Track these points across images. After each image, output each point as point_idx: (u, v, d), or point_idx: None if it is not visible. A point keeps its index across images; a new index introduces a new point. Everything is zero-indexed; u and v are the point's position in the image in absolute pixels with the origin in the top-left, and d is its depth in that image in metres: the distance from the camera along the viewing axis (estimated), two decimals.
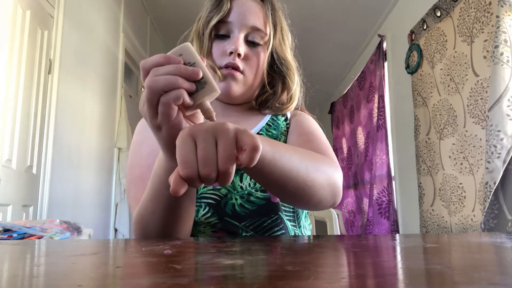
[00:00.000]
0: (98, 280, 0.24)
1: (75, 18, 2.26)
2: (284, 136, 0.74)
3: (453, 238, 0.48)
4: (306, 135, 0.72)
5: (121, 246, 0.45)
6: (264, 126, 0.74)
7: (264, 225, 0.65)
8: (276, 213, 0.67)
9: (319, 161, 0.55)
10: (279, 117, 0.77)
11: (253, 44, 0.71)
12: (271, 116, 0.76)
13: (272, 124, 0.75)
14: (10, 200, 1.69)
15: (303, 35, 3.83)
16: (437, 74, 2.35)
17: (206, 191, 0.67)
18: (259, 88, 0.76)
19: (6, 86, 1.65)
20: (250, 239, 0.54)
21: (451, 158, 2.16)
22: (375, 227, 3.13)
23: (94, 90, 2.51)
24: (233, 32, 0.70)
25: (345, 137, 4.43)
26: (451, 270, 0.26)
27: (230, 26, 0.70)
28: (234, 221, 0.65)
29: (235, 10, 0.71)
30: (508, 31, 1.63)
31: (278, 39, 0.74)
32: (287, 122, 0.77)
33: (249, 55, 0.71)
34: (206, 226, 0.66)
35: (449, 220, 2.17)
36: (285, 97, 0.77)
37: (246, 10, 0.71)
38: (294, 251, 0.37)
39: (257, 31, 0.71)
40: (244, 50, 0.70)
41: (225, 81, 0.70)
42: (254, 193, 0.66)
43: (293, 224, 0.71)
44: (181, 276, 0.24)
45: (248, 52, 0.71)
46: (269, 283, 0.22)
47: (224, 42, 0.71)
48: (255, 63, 0.71)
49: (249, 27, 0.70)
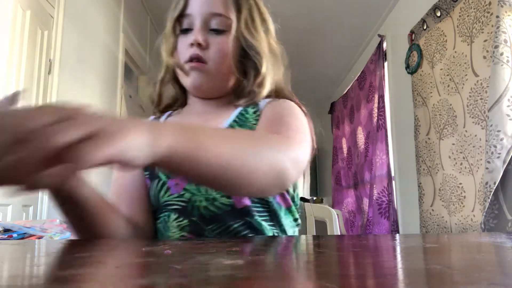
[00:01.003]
0: (98, 280, 0.24)
1: (75, 18, 2.25)
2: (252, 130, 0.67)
3: (453, 238, 0.49)
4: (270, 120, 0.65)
5: (121, 246, 0.45)
6: (230, 124, 0.69)
7: (230, 229, 0.63)
8: (243, 218, 0.64)
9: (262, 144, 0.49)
10: (249, 109, 0.70)
11: (216, 32, 0.69)
12: (240, 111, 0.71)
13: (240, 120, 0.69)
14: (10, 200, 1.69)
15: (303, 35, 3.83)
16: (437, 74, 2.35)
17: (171, 198, 0.66)
18: (230, 78, 0.72)
19: (6, 86, 1.65)
20: (250, 239, 0.54)
21: (451, 158, 2.16)
22: (375, 227, 3.13)
23: (94, 90, 2.51)
24: (194, 24, 0.69)
25: (345, 137, 4.43)
26: (451, 270, 0.26)
27: (191, 18, 0.69)
28: (201, 223, 0.64)
29: (193, 1, 0.70)
30: (508, 31, 1.63)
31: (244, 22, 0.69)
32: (257, 114, 0.69)
33: (212, 43, 0.68)
34: (175, 231, 0.65)
35: (449, 220, 2.17)
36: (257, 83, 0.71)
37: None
38: (294, 251, 0.37)
39: (217, 16, 0.68)
40: (204, 38, 0.67)
41: (191, 76, 0.69)
42: (218, 198, 0.63)
43: (271, 224, 0.67)
44: (181, 276, 0.24)
45: (210, 40, 0.68)
46: (269, 283, 0.22)
47: (187, 36, 0.70)
48: (220, 51, 0.68)
49: (208, 14, 0.68)
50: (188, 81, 0.70)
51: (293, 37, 3.80)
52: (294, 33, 3.74)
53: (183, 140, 0.39)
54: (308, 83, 4.88)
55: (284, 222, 0.70)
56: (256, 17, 0.72)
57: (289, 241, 0.47)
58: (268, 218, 0.67)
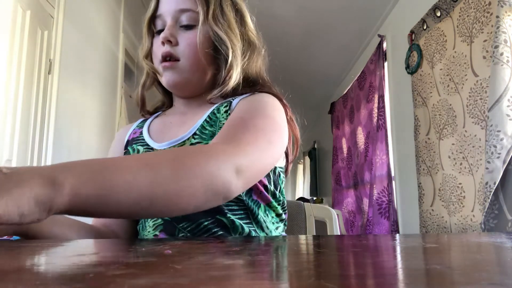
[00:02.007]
0: (98, 280, 0.24)
1: (75, 18, 2.25)
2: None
3: (453, 238, 0.49)
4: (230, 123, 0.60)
5: (121, 246, 0.45)
6: (201, 124, 0.68)
7: (201, 227, 0.63)
8: (214, 216, 0.63)
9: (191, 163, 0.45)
10: (221, 108, 0.68)
11: (186, 27, 0.70)
12: (213, 110, 0.69)
13: (210, 120, 0.68)
14: None
15: (303, 35, 3.83)
16: (436, 74, 2.35)
17: None
18: (206, 71, 0.71)
19: (6, 86, 1.65)
20: (250, 239, 0.54)
21: (450, 158, 2.16)
22: (375, 227, 3.13)
23: (94, 90, 2.51)
24: (166, 23, 0.70)
25: (345, 137, 4.43)
26: (451, 270, 0.26)
27: (163, 18, 0.71)
28: (173, 221, 0.65)
29: (163, 1, 0.71)
30: (508, 31, 1.63)
31: (212, 15, 0.69)
32: (227, 113, 0.67)
33: (181, 39, 0.69)
34: (150, 230, 0.67)
35: (449, 220, 2.17)
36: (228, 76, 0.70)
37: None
38: (294, 251, 0.38)
39: (185, 12, 0.69)
40: (172, 34, 0.68)
41: (165, 75, 0.70)
42: None
43: (246, 222, 0.66)
44: (181, 276, 0.24)
45: (180, 36, 0.69)
46: (269, 283, 0.22)
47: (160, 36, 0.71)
48: (188, 45, 0.69)
49: (177, 10, 0.69)
50: (163, 80, 0.71)
51: (293, 37, 3.81)
52: (294, 33, 3.74)
53: (88, 183, 0.37)
54: (308, 83, 4.88)
55: (263, 219, 0.68)
56: (226, 8, 0.71)
57: (289, 241, 0.47)
58: (243, 216, 0.66)
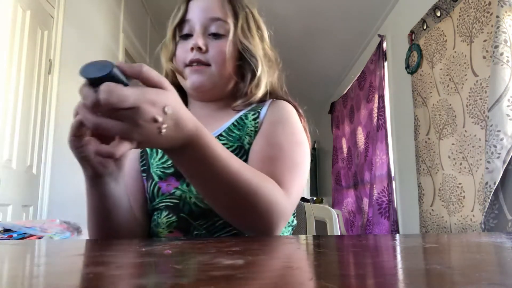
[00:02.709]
0: (98, 280, 0.24)
1: (75, 18, 2.26)
2: (250, 137, 0.68)
3: (453, 238, 0.49)
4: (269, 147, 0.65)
5: (121, 246, 0.45)
6: (228, 127, 0.70)
7: (216, 225, 0.65)
8: None
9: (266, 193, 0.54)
10: (249, 115, 0.71)
11: (215, 36, 0.72)
12: (240, 116, 0.72)
13: (238, 124, 0.70)
14: (10, 200, 1.69)
15: (303, 35, 3.83)
16: (436, 74, 2.35)
17: (163, 198, 0.69)
18: (229, 81, 0.74)
19: (6, 86, 1.65)
20: (250, 239, 0.54)
21: (450, 158, 2.16)
22: (375, 227, 3.13)
23: None
24: (194, 30, 0.72)
25: (345, 137, 4.43)
26: (451, 270, 0.26)
27: (191, 23, 0.72)
28: (190, 219, 0.66)
29: (193, 7, 0.72)
30: (508, 31, 1.63)
31: (241, 27, 0.73)
32: (256, 121, 0.70)
33: (211, 47, 0.71)
34: (164, 228, 0.67)
35: (449, 220, 2.17)
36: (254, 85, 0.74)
37: (202, 4, 0.72)
38: (294, 251, 0.38)
39: (216, 21, 0.71)
40: (204, 42, 0.70)
41: (192, 77, 0.71)
42: None
43: None
44: (181, 276, 0.24)
45: (210, 44, 0.71)
46: (269, 283, 0.22)
47: (187, 41, 0.72)
48: (219, 54, 0.71)
49: (208, 18, 0.71)
50: (188, 83, 0.72)
51: (293, 37, 3.80)
52: (294, 33, 3.74)
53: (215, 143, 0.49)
54: (308, 83, 4.88)
55: None
56: (251, 24, 0.75)
57: (289, 241, 0.47)
58: None
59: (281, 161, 0.62)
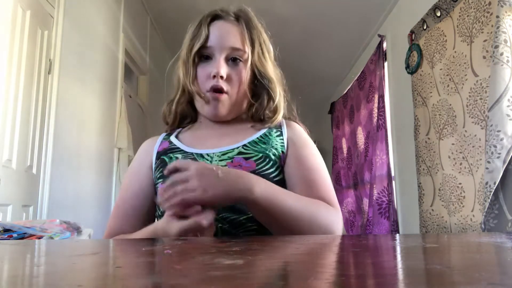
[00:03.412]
0: (98, 280, 0.24)
1: (75, 18, 2.25)
2: (275, 149, 0.75)
3: (453, 238, 0.49)
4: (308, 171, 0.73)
5: (121, 246, 0.45)
6: (254, 140, 0.76)
7: (240, 219, 0.68)
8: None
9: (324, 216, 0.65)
10: (272, 132, 0.79)
11: (233, 61, 0.77)
12: (264, 132, 0.78)
13: (263, 139, 0.77)
14: (10, 200, 1.69)
15: (303, 35, 3.83)
16: (436, 74, 2.35)
17: None
18: (244, 102, 0.80)
19: (6, 86, 1.65)
20: (250, 239, 0.54)
21: (450, 158, 2.16)
22: (375, 227, 3.13)
23: (94, 90, 2.51)
24: (214, 55, 0.76)
25: (345, 137, 4.43)
26: (451, 270, 0.26)
27: (211, 49, 0.76)
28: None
29: (214, 34, 0.76)
30: (508, 31, 1.63)
31: (257, 54, 0.79)
32: (281, 138, 0.78)
33: (231, 74, 0.76)
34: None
35: (449, 220, 2.17)
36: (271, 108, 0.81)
37: (223, 33, 0.76)
38: (294, 251, 0.37)
39: (236, 50, 0.76)
40: (226, 71, 0.75)
41: (211, 104, 0.76)
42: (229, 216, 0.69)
43: None
44: (181, 276, 0.24)
45: (230, 72, 0.76)
46: (269, 283, 0.22)
47: (207, 65, 0.76)
48: (237, 81, 0.76)
49: (228, 48, 0.76)
50: (209, 109, 0.77)
51: (293, 37, 3.80)
52: (294, 33, 3.73)
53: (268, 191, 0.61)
54: (308, 83, 4.88)
55: None
56: (265, 50, 0.81)
57: (289, 241, 0.47)
58: None
59: (323, 182, 0.73)
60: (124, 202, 0.77)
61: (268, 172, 0.71)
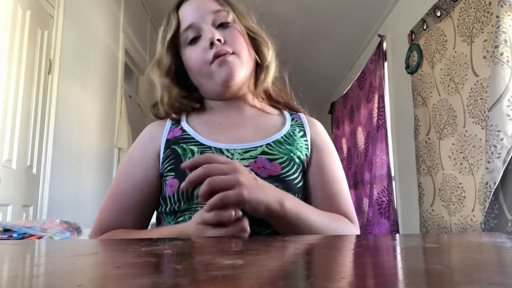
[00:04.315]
0: (98, 280, 0.24)
1: (75, 18, 2.26)
2: (300, 152, 0.70)
3: (453, 238, 0.48)
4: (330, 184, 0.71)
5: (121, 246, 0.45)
6: (278, 139, 0.70)
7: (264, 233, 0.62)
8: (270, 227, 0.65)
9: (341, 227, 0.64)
10: (296, 132, 0.74)
11: (223, 26, 0.71)
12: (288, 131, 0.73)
13: (288, 139, 0.71)
14: (10, 200, 1.69)
15: (303, 35, 3.83)
16: (437, 74, 2.35)
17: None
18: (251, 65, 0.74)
19: (6, 86, 1.65)
20: (250, 239, 0.54)
21: (451, 158, 2.16)
22: (375, 227, 3.13)
23: (94, 90, 2.51)
24: (201, 29, 0.70)
25: (345, 137, 4.43)
26: (451, 270, 0.26)
27: (196, 26, 0.70)
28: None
29: (188, 11, 0.72)
30: (508, 31, 1.63)
31: (239, 15, 0.74)
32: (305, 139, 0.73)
33: (227, 36, 0.70)
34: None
35: (449, 220, 2.17)
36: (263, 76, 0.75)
37: (197, 4, 0.72)
38: (294, 251, 0.37)
39: (218, 12, 0.71)
40: (220, 34, 0.69)
41: (222, 70, 0.68)
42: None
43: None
44: (181, 276, 0.24)
45: (225, 34, 0.70)
46: (269, 283, 0.22)
47: (198, 42, 0.71)
48: (238, 39, 0.70)
49: (209, 13, 0.70)
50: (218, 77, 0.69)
51: (293, 37, 3.80)
52: (294, 33, 3.73)
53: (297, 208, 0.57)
54: (308, 83, 4.88)
55: None
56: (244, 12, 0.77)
57: (289, 241, 0.47)
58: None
59: (344, 197, 0.71)
60: (123, 193, 0.67)
61: (293, 178, 0.66)
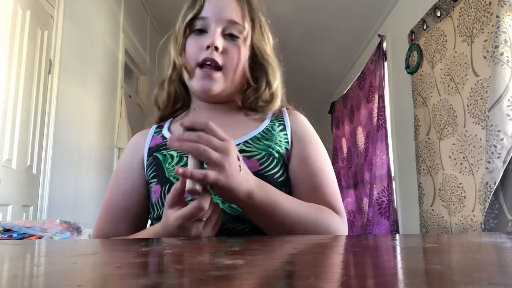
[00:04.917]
0: (98, 280, 0.24)
1: (75, 18, 2.25)
2: (279, 147, 0.68)
3: (453, 238, 0.48)
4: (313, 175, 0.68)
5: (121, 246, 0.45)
6: (255, 136, 0.69)
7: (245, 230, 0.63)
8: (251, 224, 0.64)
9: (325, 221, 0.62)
10: (275, 127, 0.71)
11: (231, 38, 0.69)
12: (266, 127, 0.71)
13: (266, 134, 0.70)
14: (10, 200, 1.69)
15: (303, 35, 3.83)
16: (437, 74, 2.35)
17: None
18: (241, 84, 0.73)
19: (6, 86, 1.65)
20: (250, 239, 0.54)
21: (451, 158, 2.16)
22: (375, 227, 3.13)
23: (94, 90, 2.51)
24: (210, 27, 0.69)
25: (345, 137, 4.43)
26: (451, 270, 0.25)
27: (207, 21, 0.69)
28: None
29: (211, 5, 0.70)
30: (508, 31, 1.63)
31: (258, 33, 0.72)
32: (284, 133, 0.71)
33: (227, 48, 0.68)
34: None
35: (449, 220, 2.17)
36: (267, 94, 0.74)
37: (222, 5, 0.70)
38: (294, 251, 0.37)
39: (234, 24, 0.69)
40: (222, 43, 0.68)
41: (203, 81, 0.68)
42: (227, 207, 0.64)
43: None
44: (181, 276, 0.24)
45: (226, 46, 0.68)
46: (269, 283, 0.22)
47: (201, 37, 0.69)
48: (235, 57, 0.69)
49: (226, 20, 0.69)
50: (196, 86, 0.69)
51: (293, 37, 3.80)
52: (294, 33, 3.73)
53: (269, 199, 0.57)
54: (308, 83, 4.88)
55: None
56: (264, 31, 0.75)
57: (289, 241, 0.47)
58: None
59: (328, 187, 0.68)
60: (113, 203, 0.70)
61: (273, 173, 0.65)
